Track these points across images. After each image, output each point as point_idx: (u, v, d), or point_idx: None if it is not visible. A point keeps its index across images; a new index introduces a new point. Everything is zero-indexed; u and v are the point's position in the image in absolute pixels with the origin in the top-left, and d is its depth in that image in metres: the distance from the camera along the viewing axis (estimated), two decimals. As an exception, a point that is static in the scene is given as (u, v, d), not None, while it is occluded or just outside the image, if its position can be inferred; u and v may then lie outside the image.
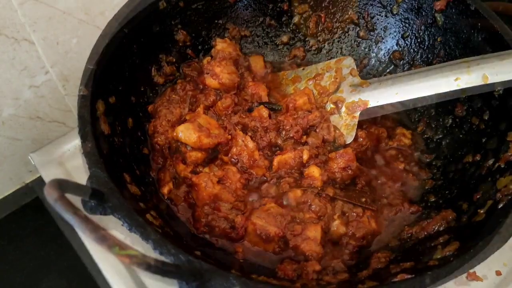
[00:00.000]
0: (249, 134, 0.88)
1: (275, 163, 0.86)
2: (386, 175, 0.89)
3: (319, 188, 0.82)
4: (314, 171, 0.83)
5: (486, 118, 0.80)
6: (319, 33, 1.05)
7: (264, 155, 0.88)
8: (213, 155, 0.87)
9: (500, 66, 0.72)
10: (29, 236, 1.12)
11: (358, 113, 0.88)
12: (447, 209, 0.75)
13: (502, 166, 0.72)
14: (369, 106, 0.88)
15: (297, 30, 1.05)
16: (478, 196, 0.72)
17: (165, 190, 0.82)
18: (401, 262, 0.68)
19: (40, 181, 1.10)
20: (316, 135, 0.89)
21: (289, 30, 1.05)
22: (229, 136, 0.87)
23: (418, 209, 0.82)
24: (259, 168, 0.86)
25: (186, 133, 0.83)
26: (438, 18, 0.91)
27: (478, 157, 0.78)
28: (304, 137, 0.89)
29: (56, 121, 1.14)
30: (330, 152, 0.87)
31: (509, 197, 0.65)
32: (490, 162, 0.75)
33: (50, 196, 0.43)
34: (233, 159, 0.87)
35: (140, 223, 0.57)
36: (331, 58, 1.05)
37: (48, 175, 0.97)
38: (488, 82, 0.73)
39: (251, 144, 0.86)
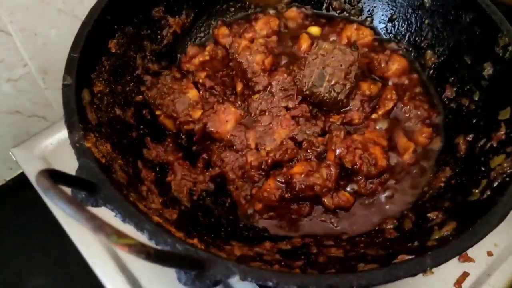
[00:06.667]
0: None
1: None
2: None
3: None
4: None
5: (476, 99, 0.80)
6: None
7: None
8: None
9: None
10: (11, 235, 1.09)
11: None
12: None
13: (495, 145, 0.71)
14: None
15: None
16: (472, 176, 0.71)
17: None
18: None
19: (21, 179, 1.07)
20: None
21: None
22: None
23: None
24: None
25: None
26: (425, 0, 0.90)
27: (470, 138, 0.78)
28: None
29: (36, 115, 1.10)
30: None
31: (504, 175, 0.64)
32: (482, 142, 0.75)
33: (41, 185, 0.41)
34: None
35: (133, 213, 0.54)
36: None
37: (31, 170, 0.94)
38: None
39: None
